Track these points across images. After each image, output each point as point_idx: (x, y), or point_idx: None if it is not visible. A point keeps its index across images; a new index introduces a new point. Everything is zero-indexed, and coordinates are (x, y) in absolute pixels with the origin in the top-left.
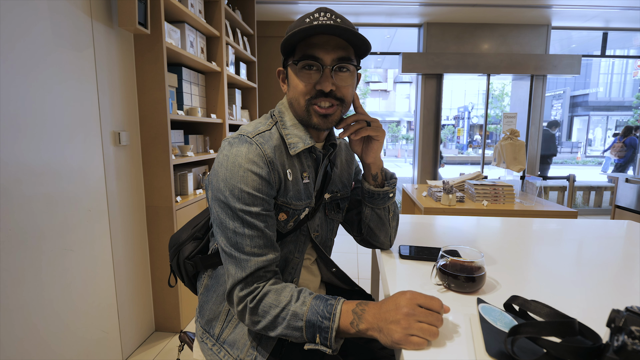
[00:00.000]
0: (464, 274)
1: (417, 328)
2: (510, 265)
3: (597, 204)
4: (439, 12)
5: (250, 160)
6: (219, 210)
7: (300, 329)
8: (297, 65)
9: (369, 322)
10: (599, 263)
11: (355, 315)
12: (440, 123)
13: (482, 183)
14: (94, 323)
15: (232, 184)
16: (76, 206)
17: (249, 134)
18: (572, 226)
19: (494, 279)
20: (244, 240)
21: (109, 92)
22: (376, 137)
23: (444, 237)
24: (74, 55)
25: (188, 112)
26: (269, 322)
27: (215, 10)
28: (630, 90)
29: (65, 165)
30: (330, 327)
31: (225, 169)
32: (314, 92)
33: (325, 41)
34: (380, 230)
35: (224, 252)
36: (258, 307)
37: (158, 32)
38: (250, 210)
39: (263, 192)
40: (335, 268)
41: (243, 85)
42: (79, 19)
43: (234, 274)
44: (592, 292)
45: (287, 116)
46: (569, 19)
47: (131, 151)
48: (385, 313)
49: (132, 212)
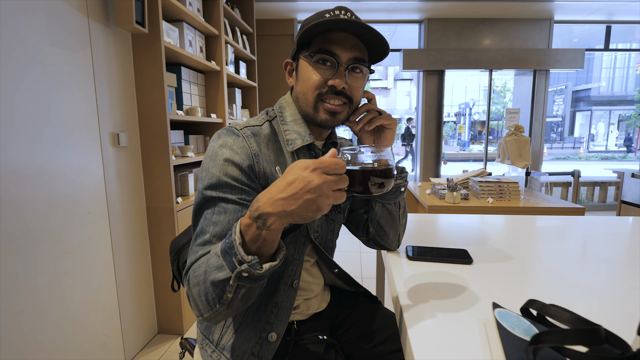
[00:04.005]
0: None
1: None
2: (522, 266)
3: (601, 199)
4: (439, 7)
5: (233, 151)
6: (198, 198)
7: (221, 266)
8: (313, 58)
9: (264, 204)
10: (618, 264)
11: (250, 212)
12: (442, 120)
13: (486, 180)
14: (95, 327)
15: (212, 173)
16: (76, 209)
17: (237, 126)
18: (583, 224)
19: (506, 281)
20: (209, 227)
21: (107, 93)
22: (389, 125)
23: (451, 237)
24: (71, 55)
25: (188, 112)
26: (201, 279)
27: (214, 9)
28: (633, 85)
29: (64, 168)
30: (233, 239)
31: (209, 159)
32: (325, 88)
33: (344, 39)
34: (391, 227)
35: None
36: (190, 272)
37: (156, 31)
38: (227, 197)
39: (242, 182)
40: (337, 269)
41: (243, 85)
42: (75, 18)
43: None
44: (614, 296)
45: (288, 111)
46: (572, 12)
47: (130, 152)
48: (275, 186)
49: (133, 213)
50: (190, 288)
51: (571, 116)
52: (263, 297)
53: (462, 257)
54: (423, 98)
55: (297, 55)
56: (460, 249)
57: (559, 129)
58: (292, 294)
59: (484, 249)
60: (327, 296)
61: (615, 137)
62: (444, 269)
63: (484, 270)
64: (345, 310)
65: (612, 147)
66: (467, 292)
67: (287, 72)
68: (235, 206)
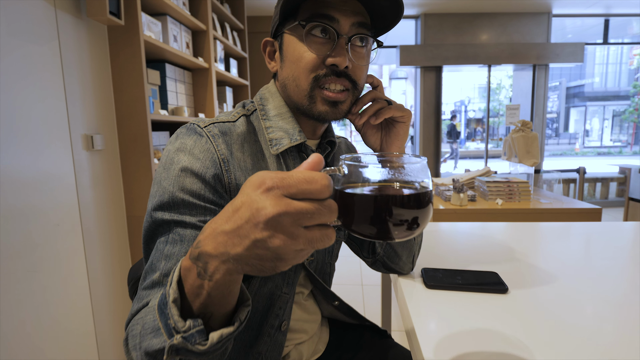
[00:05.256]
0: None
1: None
2: (574, 294)
3: (603, 195)
4: (436, 2)
5: (192, 156)
6: (146, 222)
7: (157, 329)
8: (305, 28)
9: (205, 237)
10: None
11: (191, 247)
12: (441, 117)
13: (494, 180)
14: (69, 347)
15: (164, 187)
16: (40, 221)
17: (200, 123)
18: (627, 231)
19: (556, 317)
20: (159, 262)
21: (80, 91)
22: (401, 118)
23: (471, 252)
24: (34, 49)
25: (173, 111)
26: (137, 342)
27: (201, 3)
28: (626, 80)
29: (26, 175)
30: (167, 292)
31: (162, 168)
32: (323, 69)
33: (343, 1)
34: (404, 246)
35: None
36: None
37: (134, 24)
38: (184, 220)
39: (205, 199)
40: (337, 301)
41: (234, 83)
42: (38, 8)
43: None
44: None
45: (272, 103)
46: (570, 5)
47: (107, 156)
48: (224, 210)
49: (111, 224)
50: (129, 351)
51: (566, 112)
52: (241, 346)
53: (494, 284)
54: (421, 95)
55: (279, 31)
56: (489, 272)
57: (554, 125)
58: (280, 339)
59: (517, 269)
60: (325, 335)
61: (609, 132)
62: (473, 299)
63: (524, 301)
64: (349, 352)
65: (607, 143)
66: (504, 335)
67: (267, 54)
68: (195, 232)
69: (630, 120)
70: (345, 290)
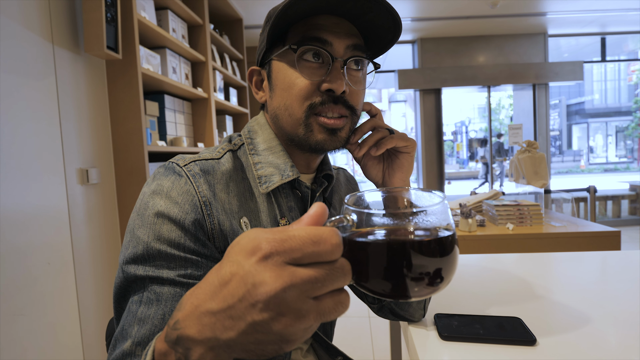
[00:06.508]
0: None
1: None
2: (615, 343)
3: (615, 214)
4: (431, 26)
5: (170, 200)
6: (118, 277)
7: None
8: (296, 53)
9: (185, 316)
10: None
11: (167, 326)
12: (442, 138)
13: (503, 204)
14: None
15: (137, 237)
16: (30, 260)
17: (179, 161)
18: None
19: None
20: (131, 326)
21: (76, 125)
22: (405, 148)
23: (488, 292)
24: (31, 84)
25: (172, 142)
26: None
27: (200, 35)
28: (626, 96)
29: (16, 211)
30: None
31: (136, 215)
32: (318, 97)
33: (334, 23)
34: None
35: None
36: None
37: (132, 57)
38: (160, 276)
39: (185, 248)
40: (341, 356)
41: (234, 112)
42: (36, 44)
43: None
44: None
45: (261, 137)
46: (565, 25)
47: (103, 189)
48: (207, 281)
49: (106, 261)
50: None
51: (568, 129)
52: None
53: (519, 334)
54: (421, 118)
55: (267, 58)
56: (512, 317)
57: (557, 143)
58: None
59: (542, 311)
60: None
61: (614, 148)
62: (496, 353)
63: (556, 354)
64: None
65: (613, 159)
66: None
67: (254, 84)
68: (174, 289)
69: (635, 135)
70: (351, 323)
